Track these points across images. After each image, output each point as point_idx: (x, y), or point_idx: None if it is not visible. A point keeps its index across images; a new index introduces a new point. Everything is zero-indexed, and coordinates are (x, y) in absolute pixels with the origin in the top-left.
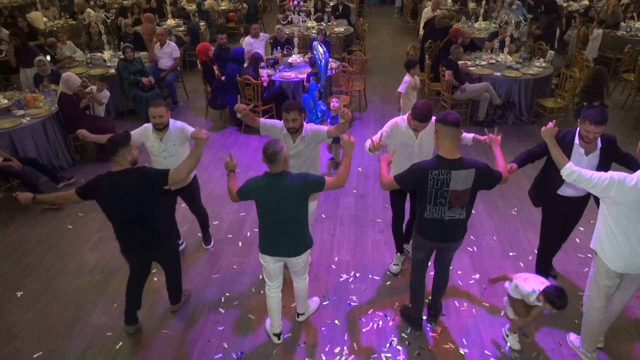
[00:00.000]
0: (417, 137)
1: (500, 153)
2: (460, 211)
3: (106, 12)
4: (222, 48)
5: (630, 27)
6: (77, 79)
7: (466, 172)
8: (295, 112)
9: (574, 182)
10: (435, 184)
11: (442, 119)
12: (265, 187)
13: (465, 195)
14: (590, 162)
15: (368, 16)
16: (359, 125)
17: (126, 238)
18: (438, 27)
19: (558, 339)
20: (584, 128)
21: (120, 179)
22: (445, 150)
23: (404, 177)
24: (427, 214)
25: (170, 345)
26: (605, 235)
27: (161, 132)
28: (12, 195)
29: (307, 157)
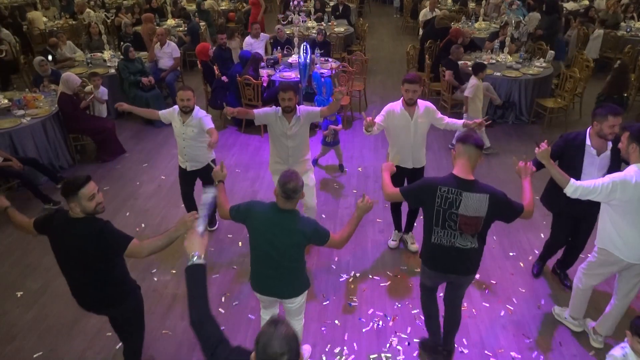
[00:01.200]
0: (412, 119)
1: (529, 185)
2: (472, 240)
3: (106, 12)
4: (222, 48)
5: (631, 27)
6: (77, 79)
7: (478, 196)
8: (291, 92)
9: (580, 197)
10: (443, 203)
11: (464, 138)
12: (269, 220)
13: (476, 223)
14: (602, 162)
15: (368, 16)
16: (359, 125)
17: (76, 291)
18: (437, 28)
19: (558, 339)
20: (607, 125)
21: (73, 229)
22: (459, 169)
23: (411, 190)
24: (434, 237)
25: (170, 345)
26: (615, 232)
27: (185, 116)
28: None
29: (301, 138)
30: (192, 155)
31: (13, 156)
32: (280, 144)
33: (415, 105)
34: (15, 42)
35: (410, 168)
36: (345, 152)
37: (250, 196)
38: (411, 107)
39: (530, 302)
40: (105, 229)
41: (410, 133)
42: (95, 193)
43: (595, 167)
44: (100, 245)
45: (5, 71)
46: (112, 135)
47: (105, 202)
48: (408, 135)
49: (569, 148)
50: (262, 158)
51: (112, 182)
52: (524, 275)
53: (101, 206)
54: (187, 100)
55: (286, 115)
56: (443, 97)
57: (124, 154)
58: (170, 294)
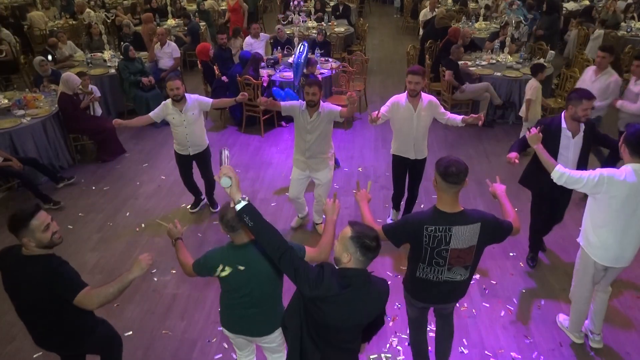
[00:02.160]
0: (416, 111)
1: (507, 201)
2: (463, 272)
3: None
4: (222, 48)
5: (631, 27)
6: (77, 79)
7: (470, 227)
8: (316, 87)
9: (565, 184)
10: (431, 242)
11: (443, 172)
12: (231, 260)
13: (469, 254)
14: (577, 143)
15: (368, 16)
16: (359, 125)
17: (32, 332)
18: (437, 27)
19: (559, 339)
20: (581, 108)
21: (25, 268)
22: (444, 203)
23: (394, 230)
24: (419, 273)
25: (170, 345)
26: (592, 230)
27: (180, 104)
28: None
29: (320, 132)
30: (193, 140)
31: (13, 156)
32: (301, 138)
33: (419, 98)
34: (15, 42)
35: (412, 159)
36: (345, 152)
37: (250, 196)
38: (415, 100)
39: (530, 302)
40: (59, 270)
41: (413, 125)
42: (49, 222)
43: (570, 148)
44: (51, 288)
45: (6, 71)
46: (112, 135)
47: (105, 202)
48: (411, 126)
49: (546, 132)
50: (262, 158)
51: (112, 182)
52: (524, 275)
53: (57, 236)
54: (177, 89)
55: (309, 109)
56: (443, 97)
57: (124, 154)
58: (170, 294)
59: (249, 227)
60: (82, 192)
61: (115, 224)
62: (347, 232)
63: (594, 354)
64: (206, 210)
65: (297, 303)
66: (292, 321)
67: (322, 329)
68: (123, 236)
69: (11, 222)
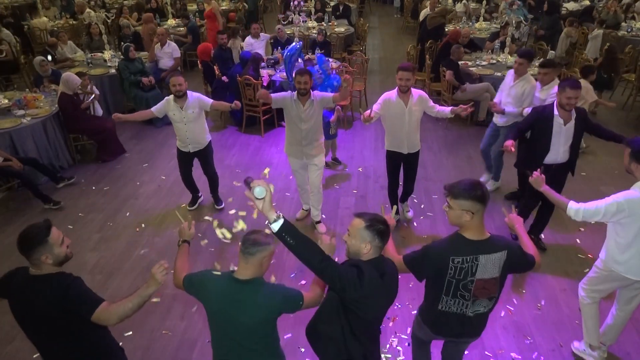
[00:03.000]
0: (407, 106)
1: (526, 234)
2: (487, 303)
3: (106, 12)
4: (222, 48)
5: (631, 27)
6: (77, 79)
7: (496, 256)
8: (307, 76)
9: (584, 219)
10: (457, 274)
11: (473, 193)
12: (224, 293)
13: (494, 285)
14: (568, 131)
15: (368, 16)
16: (359, 125)
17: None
18: (430, 28)
19: (559, 340)
20: (565, 96)
21: (35, 288)
22: (471, 229)
23: (415, 262)
24: (441, 305)
25: (170, 345)
26: (618, 248)
27: (181, 100)
28: None
29: (314, 121)
30: (193, 137)
31: (13, 156)
32: (295, 127)
33: (410, 94)
34: (15, 42)
35: (405, 153)
36: (345, 152)
37: None
38: (405, 95)
39: (530, 302)
40: (73, 287)
41: (404, 120)
42: (63, 235)
43: (562, 135)
44: (65, 307)
45: (6, 71)
46: (112, 135)
47: (105, 202)
48: (403, 122)
49: (539, 119)
50: (262, 158)
51: (112, 182)
52: (524, 275)
53: (69, 250)
54: (179, 85)
55: (301, 98)
56: (443, 97)
57: (124, 154)
58: (170, 294)
59: (290, 245)
60: (82, 192)
61: (115, 224)
62: (359, 223)
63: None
64: (207, 210)
65: (332, 309)
66: (331, 328)
67: (368, 323)
68: (123, 236)
69: (26, 240)
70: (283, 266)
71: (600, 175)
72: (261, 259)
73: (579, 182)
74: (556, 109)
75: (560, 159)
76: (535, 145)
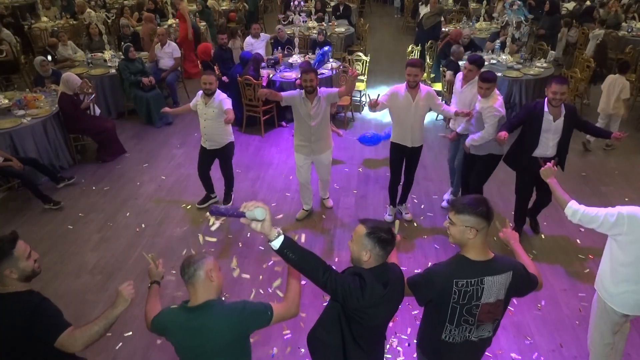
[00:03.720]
0: (414, 101)
1: (522, 251)
2: (490, 327)
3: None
4: (222, 48)
5: (632, 28)
6: (77, 79)
7: (501, 277)
8: (312, 74)
9: (580, 222)
10: (462, 298)
11: (479, 210)
12: (182, 326)
13: (499, 307)
14: (558, 127)
15: (369, 16)
16: (359, 125)
17: None
18: (426, 28)
19: (559, 340)
20: (551, 90)
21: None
22: (475, 250)
23: (418, 284)
24: (445, 335)
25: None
26: (610, 277)
27: (207, 98)
28: None
29: (322, 117)
30: (210, 135)
31: (13, 156)
32: (304, 124)
33: (418, 89)
34: (15, 42)
35: (410, 147)
36: (345, 152)
37: (251, 197)
38: (414, 90)
39: (530, 303)
40: (41, 308)
41: (410, 113)
42: (30, 249)
43: (551, 131)
44: (31, 327)
45: (6, 71)
46: (112, 135)
47: (106, 202)
48: (408, 115)
49: (530, 115)
50: (262, 158)
51: (112, 182)
52: None
53: (37, 265)
54: (210, 83)
55: (309, 96)
56: (444, 97)
57: (125, 154)
58: (170, 296)
59: (292, 261)
60: (82, 192)
61: (115, 224)
62: (361, 230)
63: None
64: (205, 209)
65: (333, 317)
66: (331, 335)
67: (369, 330)
68: (123, 236)
69: None
70: (283, 266)
71: (600, 175)
72: (205, 275)
73: (579, 182)
74: (546, 105)
75: (549, 154)
76: (525, 139)
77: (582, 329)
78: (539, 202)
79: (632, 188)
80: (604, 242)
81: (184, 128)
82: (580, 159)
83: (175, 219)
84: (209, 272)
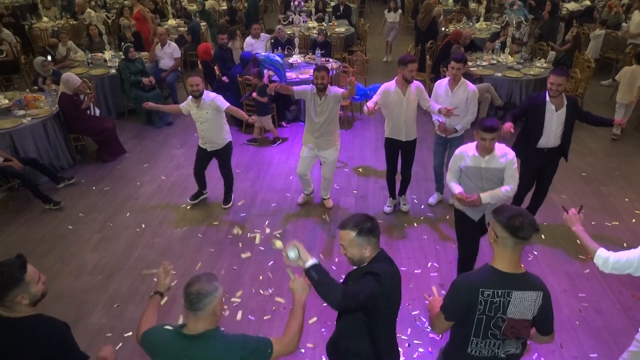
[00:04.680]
0: (405, 95)
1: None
2: (516, 344)
3: (107, 12)
4: (222, 48)
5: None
6: (77, 79)
7: (531, 294)
8: (324, 72)
9: (614, 271)
10: (487, 309)
11: (510, 224)
12: (174, 353)
13: (526, 327)
14: (560, 117)
15: (369, 16)
16: (359, 125)
17: None
18: (423, 29)
19: (559, 341)
20: (549, 81)
21: (17, 333)
22: (504, 262)
23: (450, 303)
24: (471, 349)
25: None
26: None
27: (197, 100)
28: None
29: (329, 113)
30: (209, 137)
31: (13, 156)
32: (311, 119)
33: (408, 84)
34: (16, 42)
35: (404, 141)
36: (345, 152)
37: (251, 197)
38: (405, 85)
39: None
40: (68, 335)
41: (403, 108)
42: (38, 271)
43: (554, 121)
44: (55, 355)
45: (6, 71)
46: (112, 135)
47: (106, 202)
48: (401, 110)
49: (533, 106)
50: (262, 158)
51: (112, 182)
52: None
53: (45, 287)
54: (196, 85)
55: (319, 92)
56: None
57: (125, 154)
58: (170, 295)
59: (314, 281)
60: (82, 193)
61: (115, 224)
62: (348, 234)
63: (595, 356)
64: (207, 209)
65: (356, 325)
66: (358, 344)
67: (393, 319)
68: (123, 236)
69: (4, 282)
70: (283, 267)
71: (601, 176)
72: (213, 309)
73: (579, 182)
74: (548, 96)
75: (552, 144)
76: (529, 130)
77: (582, 330)
78: (535, 199)
79: (632, 188)
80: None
81: (184, 128)
82: (580, 159)
83: (175, 219)
84: (217, 306)
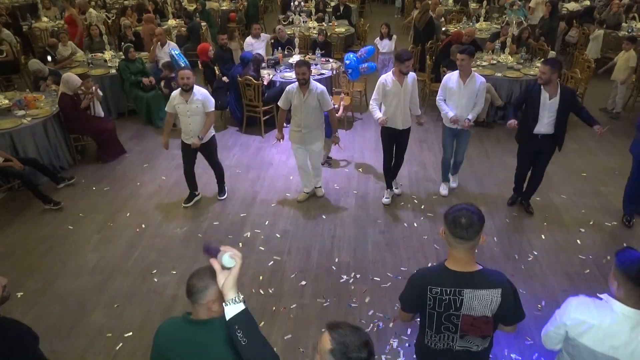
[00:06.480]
0: (402, 86)
1: None
2: (480, 342)
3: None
4: (222, 48)
5: (632, 28)
6: (77, 80)
7: (486, 292)
8: (304, 67)
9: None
10: (437, 305)
11: (451, 222)
12: (179, 340)
13: (486, 323)
14: (552, 105)
15: (369, 16)
16: (359, 125)
17: None
18: (421, 30)
19: None
20: (539, 69)
21: None
22: (453, 260)
23: (404, 296)
24: (427, 340)
25: None
26: None
27: (187, 94)
28: None
29: (312, 110)
30: (196, 130)
31: (14, 156)
32: (297, 113)
33: (405, 76)
34: (16, 43)
35: (400, 129)
36: (345, 152)
37: (251, 197)
38: (402, 77)
39: (530, 303)
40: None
41: (401, 97)
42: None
43: (546, 109)
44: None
45: (6, 71)
46: (112, 135)
47: (106, 202)
48: (400, 100)
49: (530, 93)
50: (262, 159)
51: (112, 182)
52: (525, 276)
53: (8, 291)
54: (187, 78)
55: (302, 87)
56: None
57: (125, 155)
58: (171, 295)
59: (239, 345)
60: (82, 193)
61: (115, 225)
62: (326, 343)
63: None
64: (207, 209)
65: None
66: None
67: None
68: (123, 236)
69: None
70: (283, 267)
71: (600, 175)
72: (206, 304)
73: (579, 183)
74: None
75: (545, 131)
76: (527, 116)
77: None
78: (531, 182)
79: None
80: (604, 242)
81: None
82: (580, 159)
83: (175, 219)
84: (210, 303)
